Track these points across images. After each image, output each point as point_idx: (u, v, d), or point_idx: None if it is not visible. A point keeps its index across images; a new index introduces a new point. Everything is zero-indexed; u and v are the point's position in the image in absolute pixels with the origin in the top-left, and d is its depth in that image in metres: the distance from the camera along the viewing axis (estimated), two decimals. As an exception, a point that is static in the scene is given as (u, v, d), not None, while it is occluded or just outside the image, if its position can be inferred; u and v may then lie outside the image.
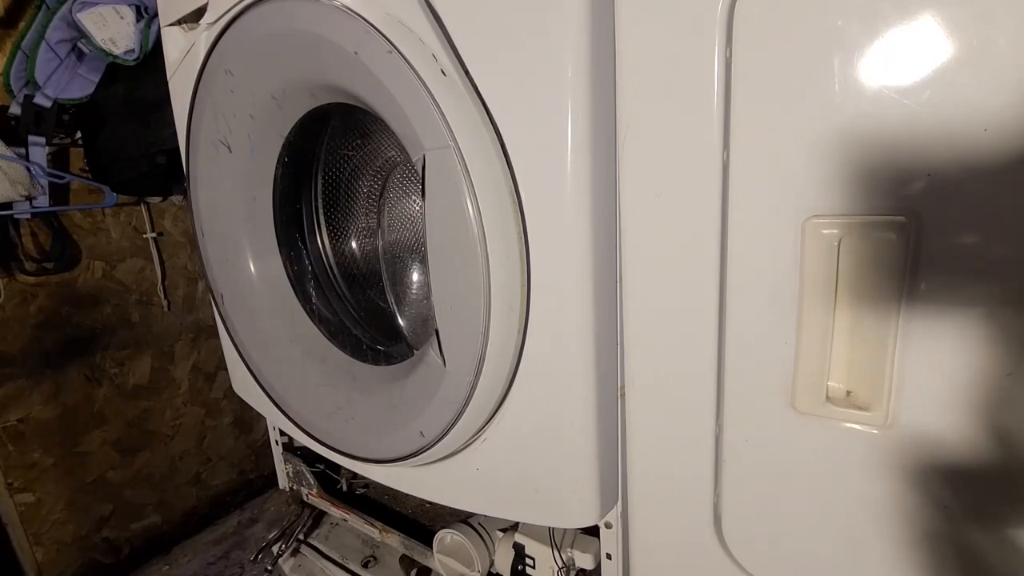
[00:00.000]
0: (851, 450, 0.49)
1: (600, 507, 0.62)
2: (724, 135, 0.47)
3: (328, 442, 0.81)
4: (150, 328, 1.33)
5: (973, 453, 0.45)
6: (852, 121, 0.43)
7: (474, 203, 0.54)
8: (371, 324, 0.93)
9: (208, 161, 0.80)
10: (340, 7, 0.57)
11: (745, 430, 0.55)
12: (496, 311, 0.56)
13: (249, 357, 0.87)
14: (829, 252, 0.46)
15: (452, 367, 0.61)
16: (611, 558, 0.68)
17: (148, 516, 1.30)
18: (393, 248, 0.90)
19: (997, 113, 0.38)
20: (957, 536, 0.47)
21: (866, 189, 0.44)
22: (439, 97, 0.53)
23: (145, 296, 1.26)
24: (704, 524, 0.59)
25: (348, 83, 0.62)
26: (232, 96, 0.74)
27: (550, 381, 0.59)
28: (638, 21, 0.49)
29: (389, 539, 1.07)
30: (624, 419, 0.61)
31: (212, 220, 0.84)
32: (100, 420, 1.34)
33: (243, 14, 0.67)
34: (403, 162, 0.86)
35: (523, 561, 0.81)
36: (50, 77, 0.96)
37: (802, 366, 0.49)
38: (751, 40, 0.45)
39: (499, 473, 0.66)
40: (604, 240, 0.54)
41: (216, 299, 0.88)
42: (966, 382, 0.44)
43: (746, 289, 0.51)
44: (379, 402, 0.73)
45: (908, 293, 0.44)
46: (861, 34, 0.41)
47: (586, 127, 0.50)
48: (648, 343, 0.57)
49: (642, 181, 0.52)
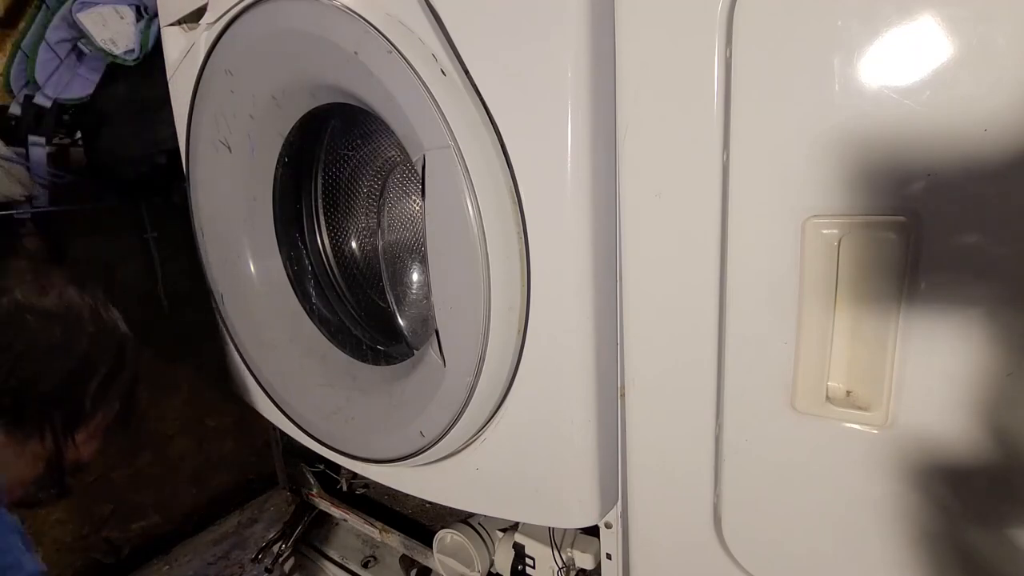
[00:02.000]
0: (851, 450, 0.49)
1: (600, 507, 0.62)
2: (724, 135, 0.47)
3: (328, 442, 0.81)
4: (150, 328, 1.33)
5: (973, 453, 0.45)
6: (852, 121, 0.43)
7: (474, 203, 0.54)
8: (371, 324, 0.93)
9: (208, 161, 0.80)
10: (340, 7, 0.57)
11: (745, 430, 0.55)
12: (496, 311, 0.56)
13: (249, 357, 0.87)
14: (829, 252, 0.46)
15: (452, 367, 0.61)
16: (611, 558, 0.68)
17: (148, 516, 1.30)
18: (393, 248, 0.90)
19: (997, 113, 0.38)
20: (957, 536, 0.47)
21: (866, 189, 0.44)
22: (439, 97, 0.53)
23: (145, 296, 1.25)
24: (704, 524, 0.59)
25: (348, 83, 0.62)
26: (232, 96, 0.74)
27: (550, 381, 0.59)
28: (638, 21, 0.49)
29: (389, 539, 1.07)
30: (624, 419, 0.61)
31: (212, 220, 0.84)
32: (100, 420, 1.33)
33: (243, 14, 0.67)
34: (403, 162, 0.86)
35: (523, 561, 0.81)
36: (50, 77, 0.96)
37: (802, 366, 0.49)
38: (751, 40, 0.45)
39: (499, 473, 0.66)
40: (604, 240, 0.54)
41: (216, 299, 0.88)
42: (966, 382, 0.44)
43: (746, 289, 0.51)
44: (379, 402, 0.73)
45: (908, 293, 0.44)
46: (861, 34, 0.41)
47: (586, 127, 0.50)
48: (648, 343, 0.57)
49: (642, 181, 0.52)
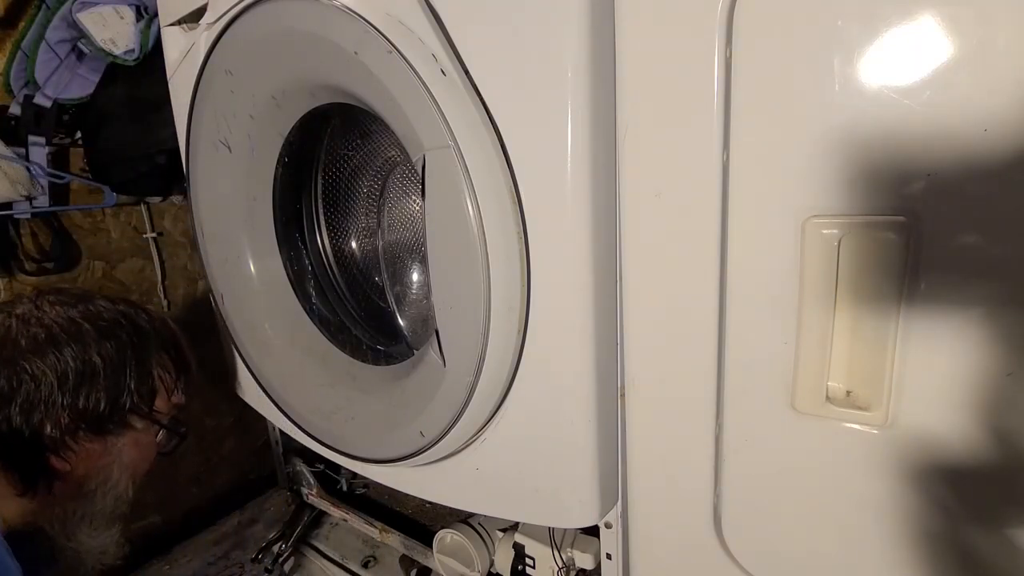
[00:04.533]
0: (851, 450, 0.49)
1: (600, 507, 0.62)
2: (724, 135, 0.47)
3: (328, 442, 0.81)
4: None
5: (973, 453, 0.45)
6: (852, 121, 0.43)
7: (474, 203, 0.54)
8: (371, 324, 0.93)
9: (208, 161, 0.80)
10: (340, 7, 0.57)
11: (745, 430, 0.55)
12: (496, 311, 0.56)
13: (249, 357, 0.87)
14: (829, 252, 0.46)
15: (452, 367, 0.61)
16: (611, 558, 0.68)
17: (148, 516, 1.30)
18: (393, 248, 0.90)
19: (997, 113, 0.38)
20: (957, 536, 0.47)
21: (866, 189, 0.44)
22: (439, 97, 0.53)
23: (145, 296, 1.25)
24: (704, 524, 0.59)
25: (348, 83, 0.62)
26: (232, 96, 0.74)
27: (550, 381, 0.59)
28: (638, 21, 0.49)
29: (389, 539, 1.07)
30: (624, 419, 0.61)
31: (212, 220, 0.84)
32: (100, 420, 1.33)
33: (243, 14, 0.67)
34: (403, 162, 0.86)
35: (523, 561, 0.81)
36: (50, 77, 0.96)
37: (802, 366, 0.49)
38: (751, 40, 0.45)
39: (499, 473, 0.66)
40: (604, 240, 0.54)
41: (216, 299, 0.88)
42: (966, 382, 0.44)
43: (746, 289, 0.51)
44: (379, 402, 0.73)
45: (908, 293, 0.44)
46: (861, 34, 0.41)
47: (586, 127, 0.50)
48: (648, 343, 0.57)
49: (642, 181, 0.52)
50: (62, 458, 0.60)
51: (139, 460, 0.69)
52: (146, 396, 0.68)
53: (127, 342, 0.66)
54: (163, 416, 0.72)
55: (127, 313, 0.69)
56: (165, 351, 0.72)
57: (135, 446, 0.67)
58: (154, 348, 0.70)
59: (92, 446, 0.63)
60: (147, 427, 0.69)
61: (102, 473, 0.64)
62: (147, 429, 0.69)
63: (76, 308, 0.64)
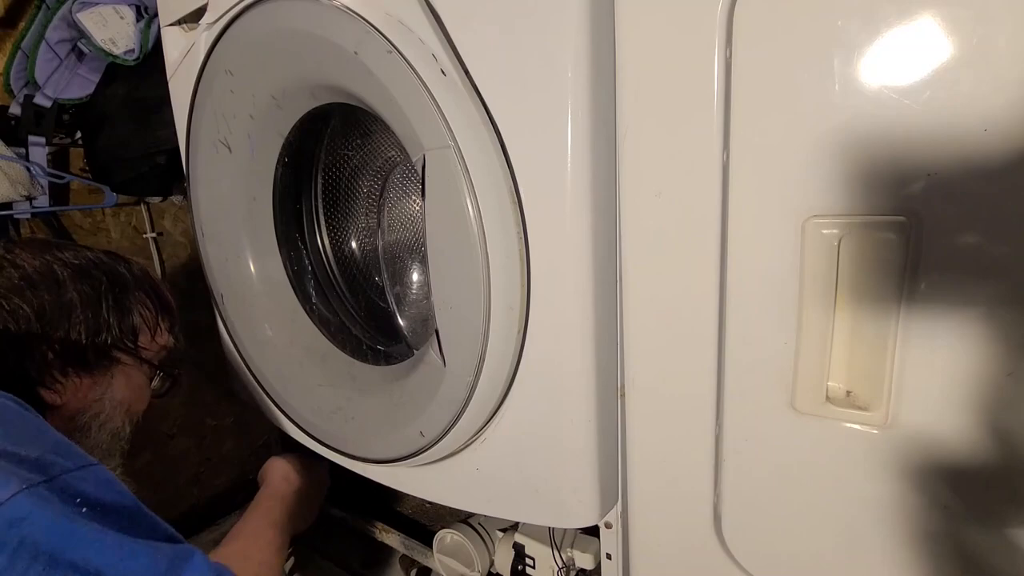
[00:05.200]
0: (851, 450, 0.49)
1: (600, 507, 0.62)
2: (724, 135, 0.47)
3: (328, 442, 0.81)
4: (150, 328, 1.32)
5: (973, 453, 0.45)
6: (852, 121, 0.43)
7: (474, 203, 0.54)
8: (371, 324, 0.93)
9: (208, 161, 0.80)
10: (340, 7, 0.57)
11: (745, 430, 0.55)
12: (496, 311, 0.56)
13: (249, 357, 0.87)
14: (829, 252, 0.46)
15: (452, 367, 0.61)
16: (611, 558, 0.68)
17: (148, 516, 1.30)
18: (393, 248, 0.90)
19: (997, 113, 0.38)
20: (957, 536, 0.47)
21: (866, 189, 0.44)
22: (439, 97, 0.53)
23: (145, 296, 1.26)
24: (704, 524, 0.59)
25: (348, 83, 0.62)
26: (232, 96, 0.74)
27: (550, 381, 0.59)
28: (638, 21, 0.49)
29: (389, 539, 1.07)
30: (624, 419, 0.61)
31: (212, 220, 0.84)
32: (100, 420, 1.33)
33: (243, 14, 0.67)
34: (403, 162, 0.86)
35: (523, 561, 0.81)
36: (50, 77, 0.96)
37: (802, 366, 0.49)
38: (751, 40, 0.45)
39: (499, 473, 0.66)
40: (604, 240, 0.54)
41: (216, 299, 0.88)
42: (966, 382, 0.44)
43: (746, 289, 0.51)
44: (379, 402, 0.73)
45: (908, 293, 0.44)
46: (861, 34, 0.41)
47: (586, 127, 0.50)
48: (648, 343, 0.57)
49: (642, 181, 0.52)
50: (52, 391, 0.61)
51: (132, 398, 0.70)
52: (128, 332, 0.69)
53: (102, 280, 0.67)
54: (150, 354, 0.72)
55: (101, 258, 0.70)
56: (143, 291, 0.72)
57: (126, 384, 0.69)
58: (132, 288, 0.70)
59: (80, 380, 0.64)
60: (136, 365, 0.70)
61: (94, 407, 0.65)
62: (137, 367, 0.70)
63: (49, 253, 0.65)
